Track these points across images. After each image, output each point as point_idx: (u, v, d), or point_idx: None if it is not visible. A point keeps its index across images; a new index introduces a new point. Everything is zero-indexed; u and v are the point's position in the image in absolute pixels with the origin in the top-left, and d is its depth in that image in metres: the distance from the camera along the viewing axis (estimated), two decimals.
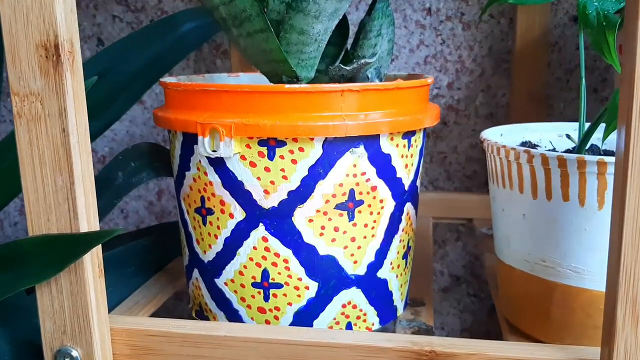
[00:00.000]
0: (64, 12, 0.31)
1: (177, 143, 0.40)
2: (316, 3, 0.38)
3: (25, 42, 0.32)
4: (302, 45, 0.40)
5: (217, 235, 0.39)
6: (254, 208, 0.37)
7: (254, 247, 0.38)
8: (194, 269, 0.41)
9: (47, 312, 0.35)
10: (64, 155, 0.33)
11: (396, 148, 0.38)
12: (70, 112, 0.32)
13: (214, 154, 0.36)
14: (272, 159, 0.36)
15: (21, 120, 0.33)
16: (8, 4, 0.31)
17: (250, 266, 0.38)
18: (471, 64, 0.68)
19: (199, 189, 0.39)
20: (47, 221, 0.34)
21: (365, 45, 0.42)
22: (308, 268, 0.38)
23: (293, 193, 0.37)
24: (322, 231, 0.37)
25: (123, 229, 0.32)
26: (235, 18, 0.39)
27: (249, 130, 0.35)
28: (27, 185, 0.33)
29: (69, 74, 0.32)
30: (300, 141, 0.36)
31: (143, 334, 0.36)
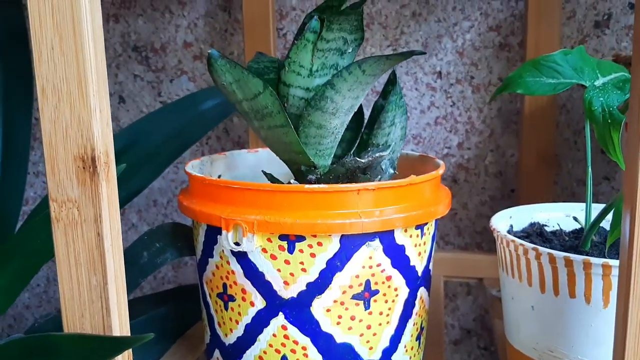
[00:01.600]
0: (100, 127, 0.34)
1: (200, 230, 0.42)
2: (333, 102, 0.40)
3: (63, 153, 0.34)
4: (320, 138, 0.42)
5: (238, 321, 0.41)
6: (274, 297, 0.39)
7: (274, 335, 0.40)
8: (215, 349, 0.43)
9: None
10: (98, 257, 0.35)
11: (410, 238, 0.40)
12: (105, 218, 0.34)
13: (236, 248, 0.38)
14: (292, 253, 0.38)
15: (59, 225, 0.35)
16: (48, 119, 0.34)
17: (269, 352, 0.40)
18: (481, 124, 0.70)
19: (221, 276, 0.41)
20: (81, 317, 0.36)
21: (379, 134, 0.44)
22: (325, 355, 0.40)
23: (311, 284, 0.39)
24: (339, 320, 0.39)
25: (152, 335, 0.34)
26: (258, 112, 0.41)
27: (271, 227, 0.37)
28: (64, 284, 0.36)
29: (104, 183, 0.34)
30: (319, 236, 0.38)
31: None
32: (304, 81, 0.41)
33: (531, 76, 0.45)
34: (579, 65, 0.45)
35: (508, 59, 0.69)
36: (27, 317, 0.85)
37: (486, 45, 0.69)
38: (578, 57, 0.46)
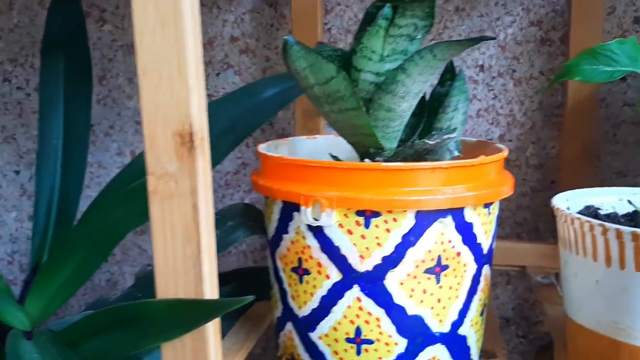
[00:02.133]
0: (197, 105, 0.36)
1: (275, 208, 0.44)
2: (404, 85, 0.42)
3: (162, 130, 0.36)
4: (388, 121, 0.44)
5: (313, 294, 0.43)
6: (349, 271, 0.41)
7: (348, 306, 0.42)
8: (287, 322, 0.45)
9: None
10: (193, 228, 0.37)
11: (478, 217, 0.42)
12: (200, 190, 0.37)
13: (315, 222, 0.40)
14: (368, 228, 0.40)
15: (156, 197, 0.37)
16: (148, 99, 0.36)
17: (344, 323, 0.42)
18: (522, 117, 0.72)
19: (296, 251, 0.43)
20: (174, 285, 0.38)
21: (443, 118, 0.46)
22: (398, 326, 0.42)
23: (386, 258, 0.40)
24: (412, 293, 0.41)
25: (251, 297, 0.36)
26: (329, 96, 0.43)
27: (349, 202, 0.40)
28: (158, 253, 0.38)
29: (200, 157, 0.36)
30: (394, 212, 0.40)
31: None
32: (374, 66, 0.43)
33: (588, 64, 0.47)
34: (633, 54, 0.47)
35: (549, 53, 0.71)
36: (72, 304, 0.88)
37: (528, 40, 0.71)
38: (632, 46, 0.48)
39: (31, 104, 0.83)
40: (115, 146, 0.82)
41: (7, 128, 0.84)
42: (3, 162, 0.85)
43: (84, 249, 0.50)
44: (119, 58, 0.79)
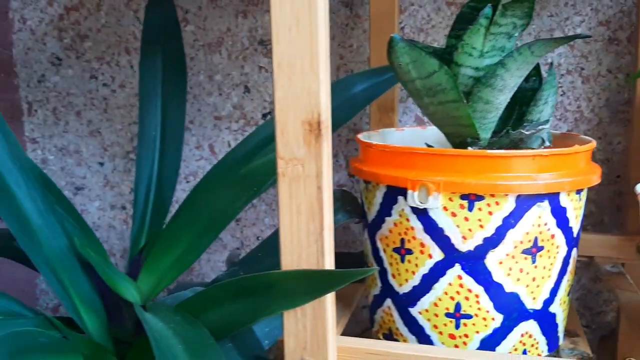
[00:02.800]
0: (325, 96, 0.40)
1: (377, 193, 0.48)
2: (503, 79, 0.46)
3: (293, 118, 0.40)
4: (485, 113, 0.47)
5: (415, 272, 0.46)
6: (451, 251, 0.45)
7: (449, 283, 0.45)
8: (386, 298, 0.49)
9: (292, 331, 0.43)
10: (317, 207, 0.41)
11: (570, 202, 0.45)
12: (325, 173, 0.41)
13: (421, 205, 0.44)
14: (472, 211, 0.44)
15: (284, 179, 0.41)
16: (282, 89, 0.40)
17: (444, 299, 0.46)
18: (589, 113, 0.75)
19: (399, 232, 0.47)
20: (298, 258, 0.42)
21: (534, 111, 0.49)
22: (495, 302, 0.45)
23: (487, 239, 0.44)
24: (509, 272, 0.44)
25: (375, 268, 0.40)
26: (430, 89, 0.47)
27: (455, 187, 0.43)
28: (284, 230, 0.42)
29: (325, 144, 0.40)
30: (497, 196, 0.43)
31: (364, 352, 0.44)
32: (474, 61, 0.47)
33: None
34: None
35: (617, 52, 0.73)
36: None
37: (596, 39, 0.73)
38: None
39: (116, 100, 0.88)
40: (195, 140, 0.87)
41: (92, 122, 0.90)
42: (88, 155, 0.91)
43: (195, 230, 0.54)
44: (200, 57, 0.84)
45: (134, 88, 0.87)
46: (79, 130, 0.91)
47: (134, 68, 0.87)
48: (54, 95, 0.90)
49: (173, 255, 0.55)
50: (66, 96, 0.90)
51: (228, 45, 0.83)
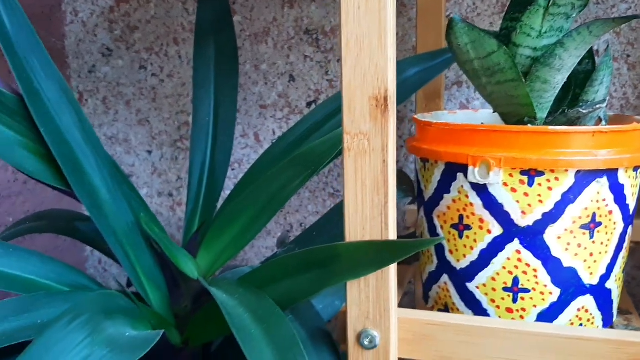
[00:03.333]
0: (392, 72, 0.41)
1: (436, 170, 0.49)
2: (561, 59, 0.47)
3: (360, 94, 0.42)
4: (542, 92, 0.48)
5: (473, 247, 0.48)
6: (510, 226, 0.46)
7: (508, 258, 0.46)
8: (443, 274, 0.50)
9: (355, 301, 0.44)
10: (382, 180, 0.42)
11: (628, 179, 0.46)
12: (390, 148, 0.42)
13: (482, 181, 0.45)
14: (531, 186, 0.45)
15: (350, 154, 0.43)
16: (350, 66, 0.42)
17: (502, 273, 0.47)
18: (635, 100, 0.75)
19: (457, 209, 0.48)
20: (362, 230, 0.43)
21: (590, 91, 0.50)
22: (553, 277, 0.46)
23: (546, 215, 0.45)
24: (568, 247, 0.45)
25: (441, 238, 0.41)
26: (488, 69, 0.48)
27: (516, 162, 0.44)
28: (349, 202, 0.43)
29: (391, 119, 0.42)
30: (556, 172, 0.44)
31: (424, 323, 0.45)
32: (532, 42, 0.47)
33: None
34: None
35: None
36: None
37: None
38: None
39: (164, 90, 0.91)
40: (240, 128, 0.89)
41: (141, 111, 0.93)
42: (137, 143, 0.94)
43: (252, 210, 0.56)
44: (247, 47, 0.86)
45: (182, 78, 0.90)
46: (128, 120, 0.93)
47: (182, 58, 0.89)
48: (104, 85, 0.93)
49: (231, 233, 0.57)
50: (116, 86, 0.93)
51: (274, 35, 0.85)
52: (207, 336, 0.53)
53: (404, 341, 0.45)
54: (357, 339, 0.45)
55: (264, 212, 0.56)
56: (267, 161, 0.63)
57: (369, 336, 0.44)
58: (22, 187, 0.86)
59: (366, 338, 0.44)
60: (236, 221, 0.57)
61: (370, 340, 0.44)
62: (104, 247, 0.64)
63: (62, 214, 0.67)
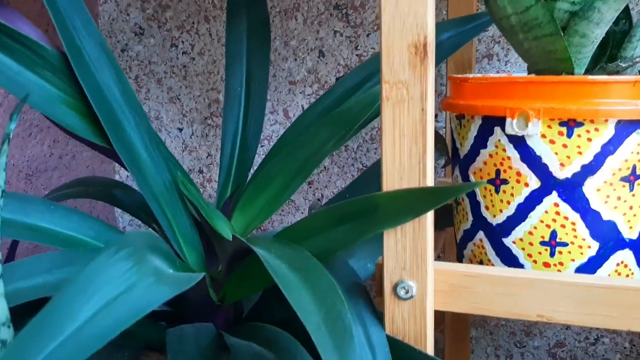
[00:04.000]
0: (431, 19, 0.42)
1: (472, 126, 0.49)
2: (600, 12, 0.46)
3: (399, 42, 0.42)
4: (580, 47, 0.48)
5: (510, 202, 0.47)
6: (548, 178, 0.46)
7: (545, 211, 0.46)
8: (478, 231, 0.50)
9: (391, 252, 0.45)
10: (420, 129, 0.43)
11: None
12: (429, 96, 0.42)
13: (520, 133, 0.45)
14: (570, 137, 0.44)
15: (388, 103, 0.43)
16: (389, 14, 0.42)
17: (540, 227, 0.47)
18: None
19: (494, 163, 0.48)
20: (399, 180, 0.44)
21: (628, 47, 0.50)
22: (592, 230, 0.46)
23: (585, 166, 0.45)
24: (607, 199, 0.45)
25: (483, 182, 0.41)
26: (525, 24, 0.48)
27: (555, 113, 0.44)
28: (387, 152, 0.44)
29: (430, 67, 0.42)
30: (596, 122, 0.44)
31: (461, 274, 0.45)
32: None
33: None
34: None
35: None
36: None
37: None
38: None
39: (195, 67, 0.92)
40: (269, 105, 0.90)
41: (172, 89, 0.94)
42: (168, 120, 0.95)
43: (286, 172, 0.57)
44: (276, 23, 0.87)
45: (213, 55, 0.91)
46: (159, 98, 0.95)
47: (212, 36, 0.90)
48: (136, 63, 0.95)
49: (265, 196, 0.58)
50: (148, 65, 0.94)
51: (304, 10, 0.85)
52: (242, 293, 0.54)
53: (440, 293, 0.46)
54: (393, 289, 0.45)
55: (298, 173, 0.56)
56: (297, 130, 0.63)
57: (405, 286, 0.44)
58: (58, 162, 0.88)
59: (402, 288, 0.45)
60: (271, 184, 0.58)
61: (406, 290, 0.44)
62: (139, 213, 0.65)
63: (99, 180, 0.68)
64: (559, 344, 0.83)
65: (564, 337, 0.82)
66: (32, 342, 0.27)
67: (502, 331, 0.85)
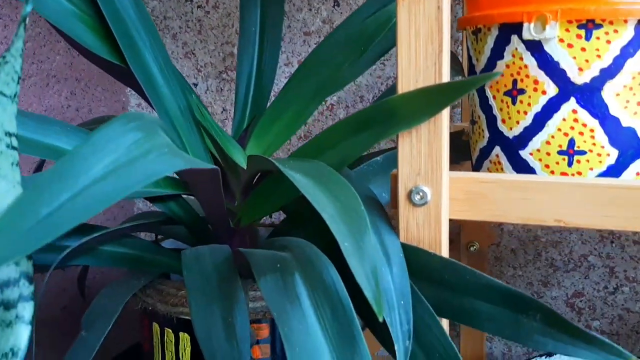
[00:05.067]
0: None
1: (488, 39, 0.49)
2: None
3: None
4: None
5: (527, 112, 0.47)
6: (566, 84, 0.45)
7: (563, 119, 0.45)
8: (495, 147, 0.50)
9: (406, 157, 0.44)
10: (436, 28, 0.42)
11: None
12: None
13: (537, 37, 0.44)
14: (589, 40, 0.44)
15: (404, 3, 0.43)
16: None
17: (557, 136, 0.46)
18: None
19: (511, 74, 0.47)
20: (415, 82, 0.43)
21: None
22: (611, 137, 0.45)
23: (604, 70, 0.44)
24: (627, 104, 0.44)
25: (498, 73, 0.41)
26: None
27: (573, 13, 0.43)
28: (402, 55, 0.43)
29: None
30: (615, 24, 0.43)
31: (476, 181, 0.44)
32: None
33: None
34: None
35: None
36: None
37: None
38: None
39: (210, 21, 0.92)
40: (284, 57, 0.89)
41: (187, 44, 0.94)
42: (183, 75, 0.95)
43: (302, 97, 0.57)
44: None
45: (227, 8, 0.91)
46: (174, 53, 0.95)
47: None
48: (152, 19, 0.95)
49: (281, 123, 0.58)
50: (163, 20, 0.95)
51: None
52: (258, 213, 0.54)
53: (455, 201, 0.45)
54: (408, 196, 0.45)
55: (314, 96, 0.56)
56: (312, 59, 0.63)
57: (420, 192, 0.44)
58: (75, 114, 0.89)
59: (417, 194, 0.44)
60: (286, 111, 0.58)
61: (421, 196, 0.44)
62: None
63: None
64: (578, 294, 0.82)
65: (583, 287, 0.81)
66: (45, 192, 0.28)
67: (519, 282, 0.84)
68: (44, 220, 0.27)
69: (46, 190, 0.28)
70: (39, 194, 0.27)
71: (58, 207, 0.27)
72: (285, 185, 0.55)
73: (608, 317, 0.81)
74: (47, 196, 0.28)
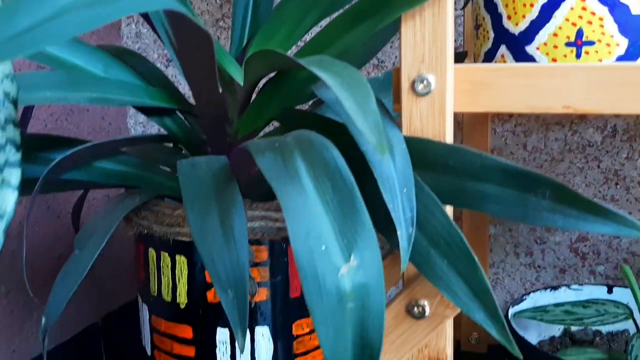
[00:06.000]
0: None
1: None
2: None
3: None
4: None
5: (533, 4, 0.45)
6: None
7: (571, 8, 0.44)
8: (500, 46, 0.48)
9: (409, 44, 0.43)
10: None
11: None
12: None
13: None
14: None
15: None
16: None
17: (565, 26, 0.44)
18: None
19: None
20: None
21: None
22: (621, 25, 0.43)
23: None
24: None
25: None
26: None
27: None
28: None
29: None
30: None
31: (482, 70, 0.43)
32: None
33: None
34: None
35: None
36: None
37: None
38: None
39: None
40: None
41: None
42: None
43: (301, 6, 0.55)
44: None
45: None
46: None
47: None
48: None
49: (279, 37, 0.56)
50: None
51: None
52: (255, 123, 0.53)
53: (460, 92, 0.44)
54: (411, 86, 0.43)
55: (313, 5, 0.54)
56: None
57: (423, 80, 0.43)
58: None
59: (421, 83, 0.43)
60: (284, 24, 0.56)
61: (425, 84, 0.43)
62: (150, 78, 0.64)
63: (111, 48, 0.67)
64: (582, 239, 0.80)
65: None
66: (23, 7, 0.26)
67: (522, 227, 0.82)
68: (24, 33, 0.25)
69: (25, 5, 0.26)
70: (17, 9, 0.26)
71: (38, 23, 0.26)
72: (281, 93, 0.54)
73: (612, 261, 0.80)
74: (25, 11, 0.26)
